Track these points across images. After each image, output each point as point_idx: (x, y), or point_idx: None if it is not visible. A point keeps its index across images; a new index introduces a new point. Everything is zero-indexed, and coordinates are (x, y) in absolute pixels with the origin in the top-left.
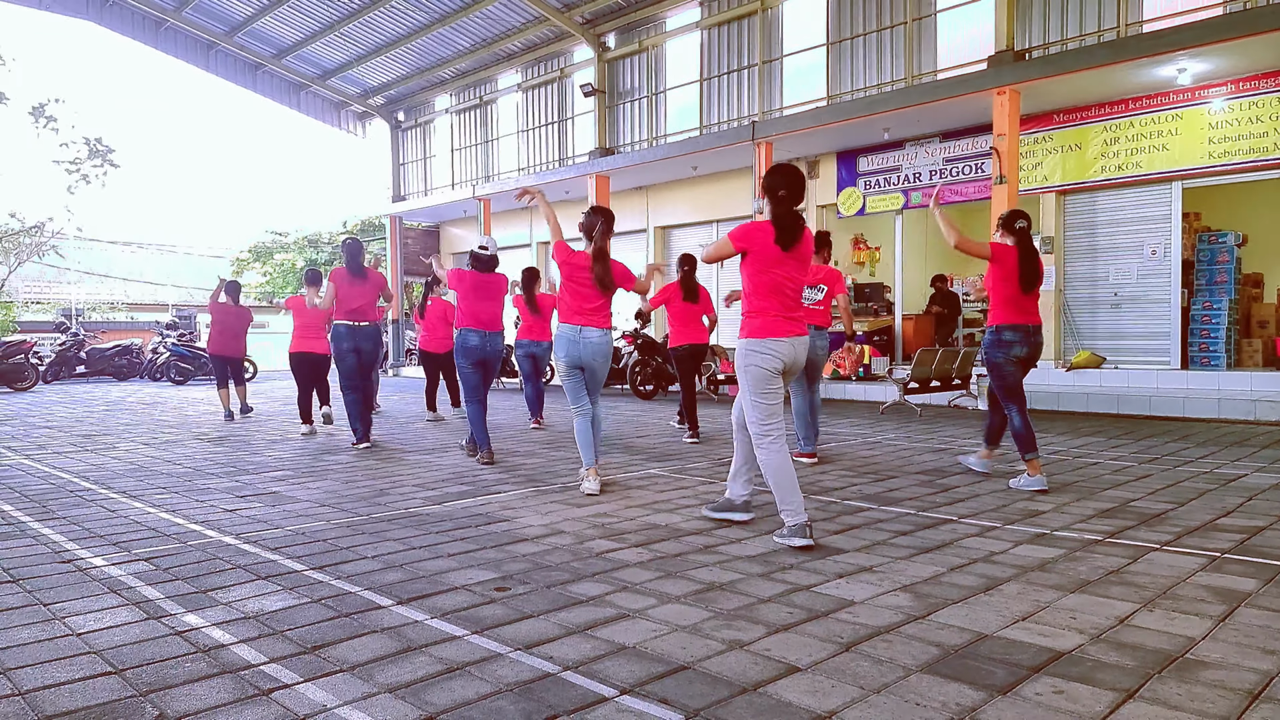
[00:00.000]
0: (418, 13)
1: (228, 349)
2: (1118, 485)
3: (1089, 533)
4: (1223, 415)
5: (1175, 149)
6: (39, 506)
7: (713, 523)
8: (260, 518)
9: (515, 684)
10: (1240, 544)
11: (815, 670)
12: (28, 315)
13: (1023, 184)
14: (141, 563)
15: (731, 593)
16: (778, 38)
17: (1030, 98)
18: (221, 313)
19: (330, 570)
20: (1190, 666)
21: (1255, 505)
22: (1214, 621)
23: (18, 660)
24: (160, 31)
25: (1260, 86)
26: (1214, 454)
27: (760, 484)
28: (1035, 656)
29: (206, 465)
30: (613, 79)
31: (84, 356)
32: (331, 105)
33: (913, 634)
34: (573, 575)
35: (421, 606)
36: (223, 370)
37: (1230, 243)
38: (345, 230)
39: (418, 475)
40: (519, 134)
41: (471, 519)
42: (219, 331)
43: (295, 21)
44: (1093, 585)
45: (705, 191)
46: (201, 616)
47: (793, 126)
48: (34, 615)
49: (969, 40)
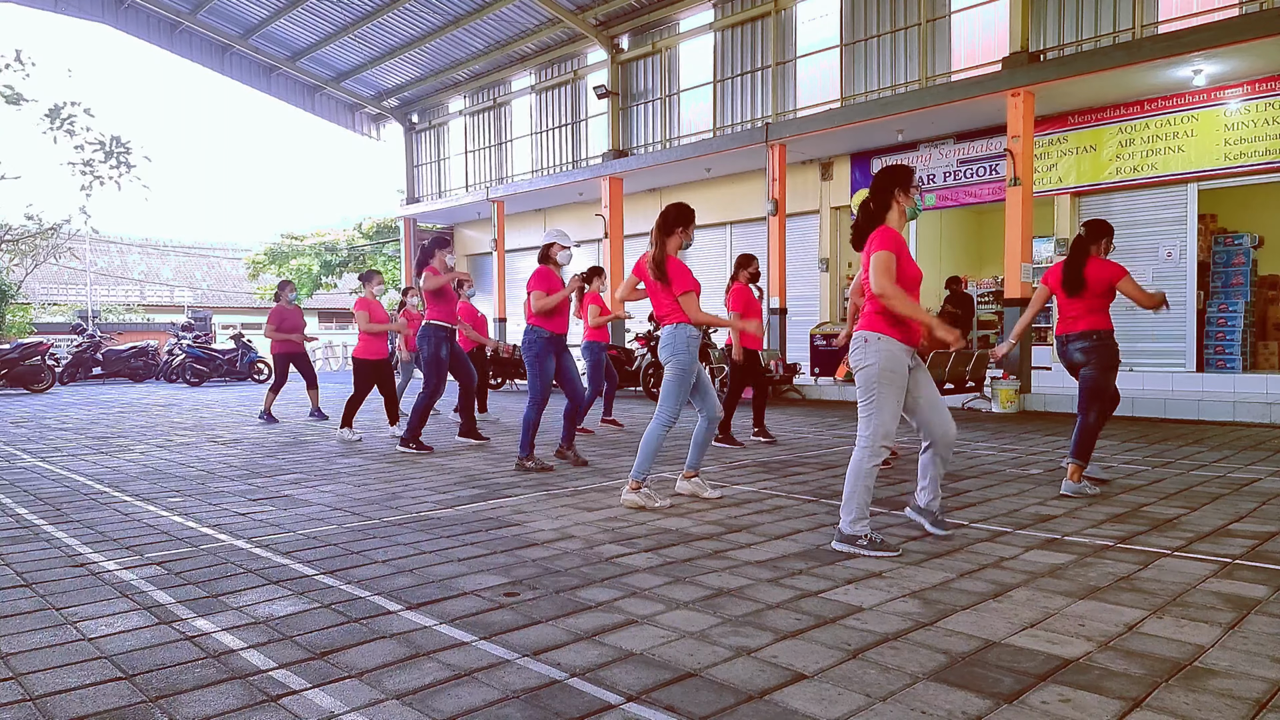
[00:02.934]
0: (432, 15)
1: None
2: (1131, 489)
3: (1100, 538)
4: (1238, 418)
5: (1191, 151)
6: (53, 509)
7: (724, 528)
8: (272, 521)
9: (522, 691)
10: (1252, 550)
11: (822, 678)
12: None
13: (1037, 186)
14: (154, 567)
15: (740, 598)
16: (791, 39)
17: (1045, 99)
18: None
19: (341, 575)
20: (1198, 675)
21: (1268, 510)
22: (1223, 629)
23: (29, 665)
24: (175, 34)
25: (1276, 88)
26: (1228, 458)
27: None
28: (1043, 664)
29: (220, 468)
30: (626, 81)
31: (100, 358)
32: (346, 107)
33: (920, 641)
34: (582, 580)
35: (431, 612)
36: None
37: (1246, 245)
38: (360, 233)
39: (430, 478)
40: (533, 136)
41: (483, 523)
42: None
43: (310, 24)
44: (1103, 591)
45: (719, 193)
46: (212, 621)
47: (806, 128)
48: (46, 619)
49: (984, 42)
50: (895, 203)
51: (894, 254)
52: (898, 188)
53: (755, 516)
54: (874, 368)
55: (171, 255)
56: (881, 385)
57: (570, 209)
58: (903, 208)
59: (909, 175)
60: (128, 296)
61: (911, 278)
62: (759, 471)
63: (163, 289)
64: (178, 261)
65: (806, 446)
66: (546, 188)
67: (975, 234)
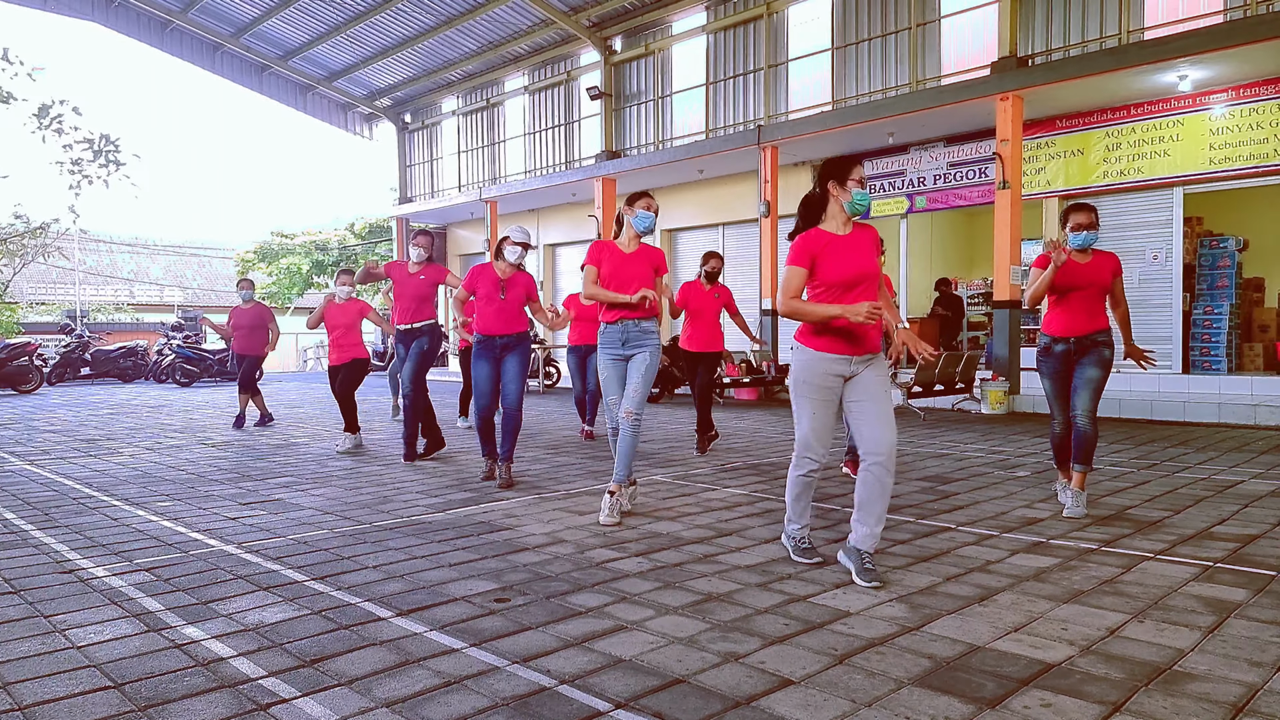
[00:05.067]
0: (424, 15)
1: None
2: (1116, 492)
3: (1085, 541)
4: (1223, 420)
5: (1177, 155)
6: (41, 514)
7: (715, 531)
8: (263, 526)
9: (512, 698)
10: (1233, 553)
11: (808, 683)
12: (32, 316)
13: (1025, 189)
14: (143, 573)
15: (729, 604)
16: (783, 42)
17: (1033, 103)
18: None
19: (331, 581)
20: (1177, 679)
21: (1250, 513)
22: (1203, 633)
23: (17, 674)
24: (166, 33)
25: (1261, 93)
26: (1213, 459)
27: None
28: (1025, 669)
29: (210, 471)
30: (619, 82)
31: (89, 358)
32: (338, 107)
33: (905, 646)
34: (572, 585)
35: (421, 619)
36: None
37: (1231, 248)
38: (352, 233)
39: (421, 482)
40: (525, 136)
41: (474, 527)
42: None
43: (302, 23)
44: (1086, 595)
45: (712, 195)
46: (202, 629)
47: (798, 130)
48: (35, 627)
49: (973, 46)
50: (832, 197)
51: (798, 266)
52: (832, 180)
53: (745, 520)
54: (790, 378)
55: (161, 254)
56: (797, 395)
57: (563, 210)
58: (840, 203)
59: (848, 166)
60: (116, 296)
61: (836, 281)
62: (749, 474)
63: (152, 288)
64: (167, 261)
65: None
66: (539, 188)
67: (965, 236)
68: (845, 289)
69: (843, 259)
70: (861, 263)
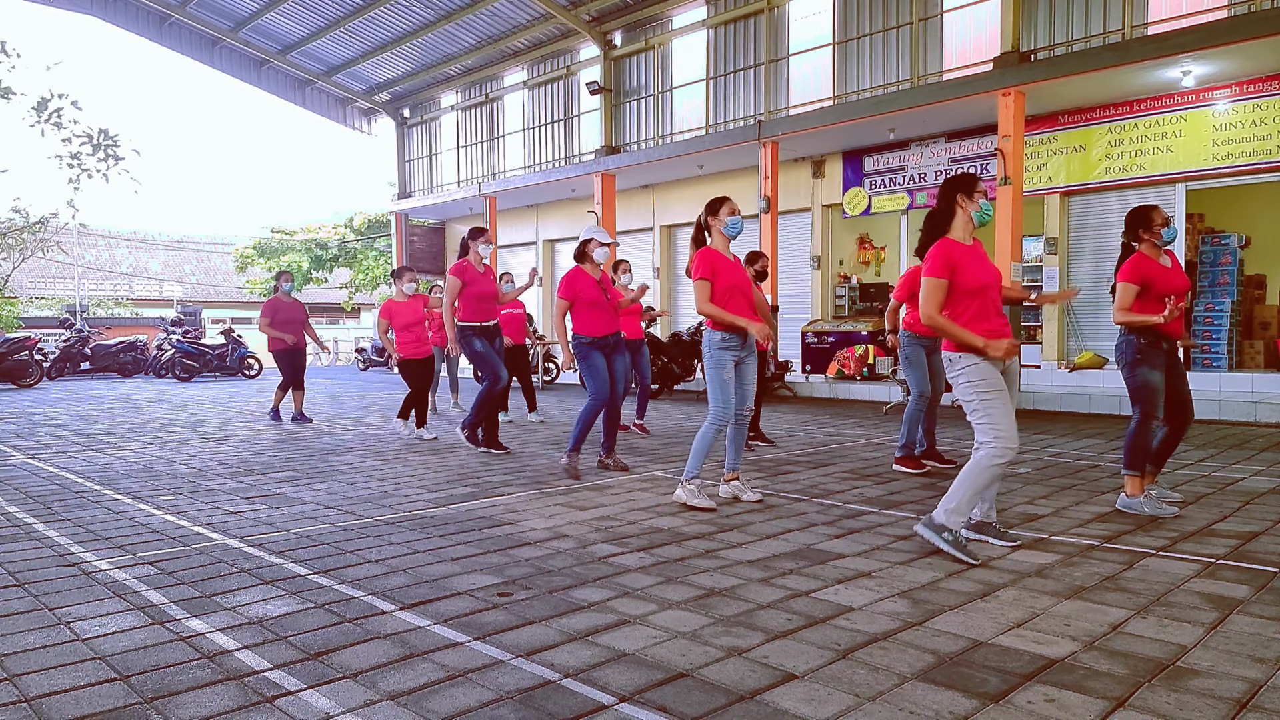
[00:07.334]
0: (424, 9)
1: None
2: (1117, 489)
3: (1087, 538)
4: (1224, 417)
5: (1179, 151)
6: (44, 508)
7: (716, 527)
8: (265, 520)
9: (516, 691)
10: (1235, 549)
11: (812, 678)
12: (32, 311)
13: (1027, 185)
14: (146, 566)
15: (731, 598)
16: (784, 37)
17: (1035, 99)
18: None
19: (334, 574)
20: (1180, 675)
21: (1252, 510)
22: (1206, 629)
23: (24, 666)
24: (164, 27)
25: (1264, 89)
26: (1213, 456)
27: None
28: (1029, 664)
29: (211, 466)
30: (619, 77)
31: (89, 353)
32: (337, 101)
33: (909, 641)
34: (575, 580)
35: (424, 612)
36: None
37: (1233, 244)
38: (350, 228)
39: (422, 476)
40: (525, 131)
41: (476, 522)
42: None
43: (301, 17)
44: (1088, 591)
45: (711, 190)
46: (206, 622)
47: (798, 126)
48: (40, 620)
49: (975, 41)
50: (960, 209)
51: (940, 277)
52: (960, 193)
53: (747, 515)
54: (973, 388)
55: (160, 249)
56: (984, 398)
57: (563, 205)
58: (969, 213)
59: (973, 181)
60: (116, 290)
61: (971, 287)
62: (750, 470)
63: (151, 283)
64: (166, 255)
65: (797, 445)
66: (539, 184)
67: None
68: (977, 294)
69: (975, 266)
70: (990, 269)
